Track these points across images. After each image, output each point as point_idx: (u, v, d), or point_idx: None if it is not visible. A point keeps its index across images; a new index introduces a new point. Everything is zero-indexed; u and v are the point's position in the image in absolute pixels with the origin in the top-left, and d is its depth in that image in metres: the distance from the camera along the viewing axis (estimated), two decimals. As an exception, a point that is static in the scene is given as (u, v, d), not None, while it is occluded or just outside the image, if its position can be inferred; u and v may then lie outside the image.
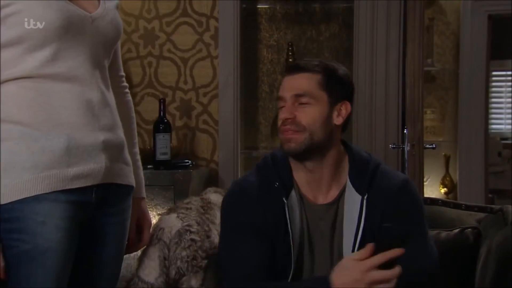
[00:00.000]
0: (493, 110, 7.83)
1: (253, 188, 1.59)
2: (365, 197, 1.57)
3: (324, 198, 1.62)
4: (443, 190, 4.51)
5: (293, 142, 1.58)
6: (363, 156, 1.64)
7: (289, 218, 1.56)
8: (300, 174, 1.62)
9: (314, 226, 1.60)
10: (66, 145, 1.38)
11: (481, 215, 1.86)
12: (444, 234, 1.82)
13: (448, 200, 2.51)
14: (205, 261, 1.67)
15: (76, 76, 1.41)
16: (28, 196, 1.34)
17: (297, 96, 1.59)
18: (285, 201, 1.57)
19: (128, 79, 3.17)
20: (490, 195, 5.44)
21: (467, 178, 4.66)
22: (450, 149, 4.87)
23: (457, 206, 1.96)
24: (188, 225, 1.72)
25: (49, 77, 1.38)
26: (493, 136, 6.89)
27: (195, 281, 1.66)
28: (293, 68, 1.63)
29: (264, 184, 1.60)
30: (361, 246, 1.49)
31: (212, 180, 3.01)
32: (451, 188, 4.74)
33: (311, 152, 1.59)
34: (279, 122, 1.61)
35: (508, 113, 8.04)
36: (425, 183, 3.47)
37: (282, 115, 1.60)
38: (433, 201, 2.03)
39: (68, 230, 1.38)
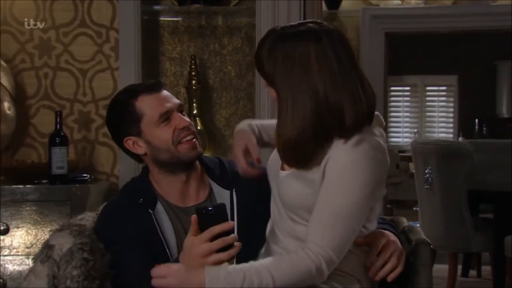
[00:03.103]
0: (391, 124, 8.19)
1: (121, 207, 1.70)
2: (233, 191, 1.71)
3: (195, 200, 1.73)
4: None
5: (198, 147, 1.71)
6: (211, 159, 1.81)
7: (159, 227, 1.66)
8: (167, 186, 1.72)
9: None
10: None
11: (374, 226, 1.91)
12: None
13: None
14: (98, 282, 1.61)
15: None
16: None
17: (180, 106, 1.74)
18: (151, 211, 1.68)
19: (22, 91, 3.08)
20: (389, 206, 5.68)
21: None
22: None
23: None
24: (81, 243, 1.65)
25: None
26: (392, 149, 7.21)
27: (87, 302, 1.60)
28: (157, 86, 1.74)
29: (129, 202, 1.71)
30: (240, 234, 1.59)
31: (112, 195, 2.93)
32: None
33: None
34: (176, 132, 1.68)
35: (406, 127, 8.42)
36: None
37: (181, 123, 1.68)
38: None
39: None
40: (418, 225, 3.83)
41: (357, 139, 1.43)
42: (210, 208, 1.41)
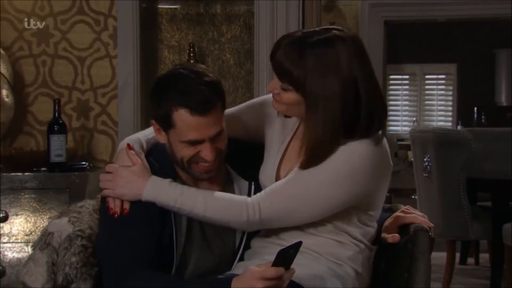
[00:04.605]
0: (390, 112, 8.17)
1: None
2: (253, 182, 1.65)
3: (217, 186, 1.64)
4: (343, 190, 4.64)
5: (213, 172, 1.61)
6: (231, 146, 1.69)
7: (174, 214, 1.58)
8: (187, 177, 1.63)
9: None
10: None
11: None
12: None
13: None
14: (96, 268, 1.62)
15: None
16: None
17: (217, 134, 1.57)
18: None
19: (20, 79, 3.07)
20: (387, 194, 5.68)
21: (366, 177, 4.83)
22: (350, 149, 5.02)
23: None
24: (79, 230, 1.65)
25: None
26: (390, 137, 7.20)
27: (84, 289, 1.60)
28: (204, 109, 1.53)
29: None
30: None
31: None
32: (351, 187, 4.88)
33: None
34: (196, 156, 1.57)
35: (404, 115, 8.42)
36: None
37: (207, 157, 1.56)
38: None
39: None
40: (417, 213, 3.82)
41: (363, 141, 1.50)
42: (291, 251, 1.42)
